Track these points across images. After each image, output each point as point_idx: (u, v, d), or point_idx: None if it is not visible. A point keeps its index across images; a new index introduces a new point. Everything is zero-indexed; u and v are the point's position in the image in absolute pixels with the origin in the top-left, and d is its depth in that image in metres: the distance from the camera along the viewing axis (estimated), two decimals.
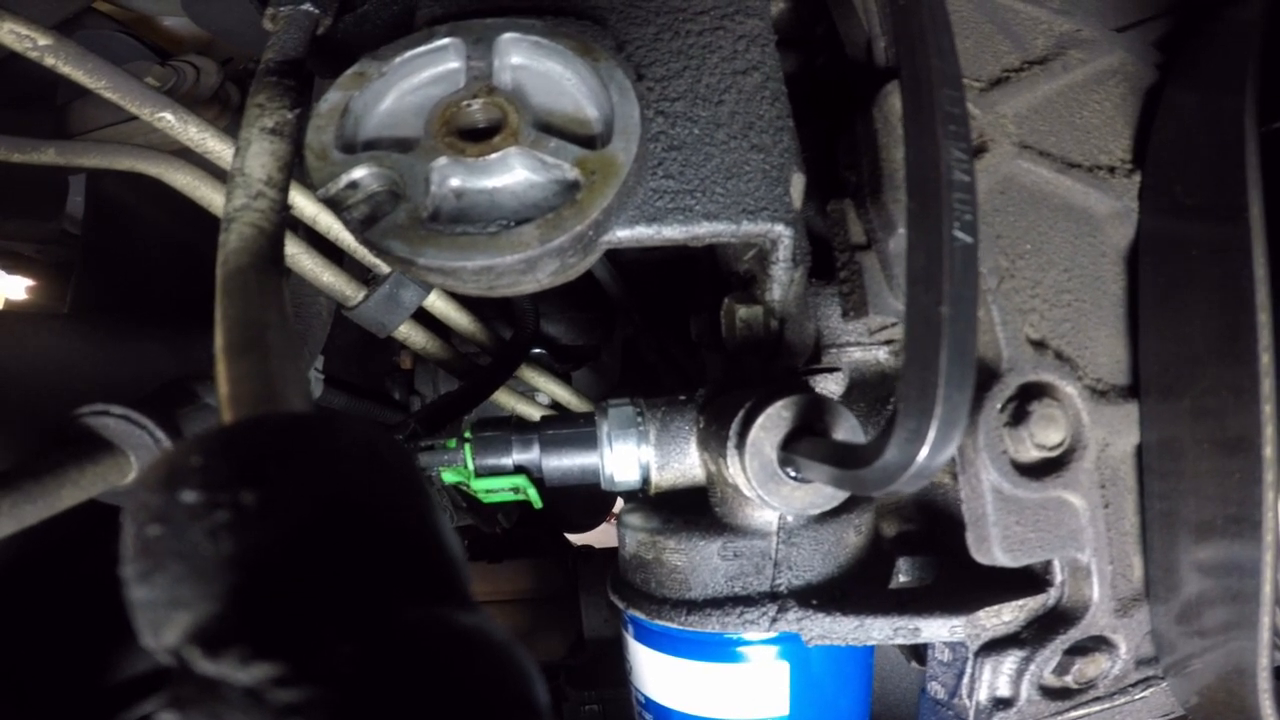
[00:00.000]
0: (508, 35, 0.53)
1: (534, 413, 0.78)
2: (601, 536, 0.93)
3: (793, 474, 0.48)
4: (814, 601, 0.53)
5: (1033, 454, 0.48)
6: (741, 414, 0.49)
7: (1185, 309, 0.48)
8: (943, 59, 0.42)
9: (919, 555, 0.58)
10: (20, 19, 0.57)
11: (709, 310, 0.74)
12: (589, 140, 0.52)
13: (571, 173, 0.48)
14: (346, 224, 0.49)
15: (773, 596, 0.54)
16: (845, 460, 0.40)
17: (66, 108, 0.80)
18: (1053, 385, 0.48)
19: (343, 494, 0.24)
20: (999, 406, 0.48)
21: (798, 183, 0.52)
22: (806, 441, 0.47)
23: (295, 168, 0.51)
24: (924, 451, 0.33)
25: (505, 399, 0.77)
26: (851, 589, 0.55)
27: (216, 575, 0.21)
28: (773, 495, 0.48)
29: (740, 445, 0.48)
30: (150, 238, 0.77)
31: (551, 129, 0.52)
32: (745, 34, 0.57)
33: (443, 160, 0.48)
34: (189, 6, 0.72)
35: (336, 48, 0.68)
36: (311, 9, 0.61)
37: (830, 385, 0.57)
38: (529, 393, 0.80)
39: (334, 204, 0.49)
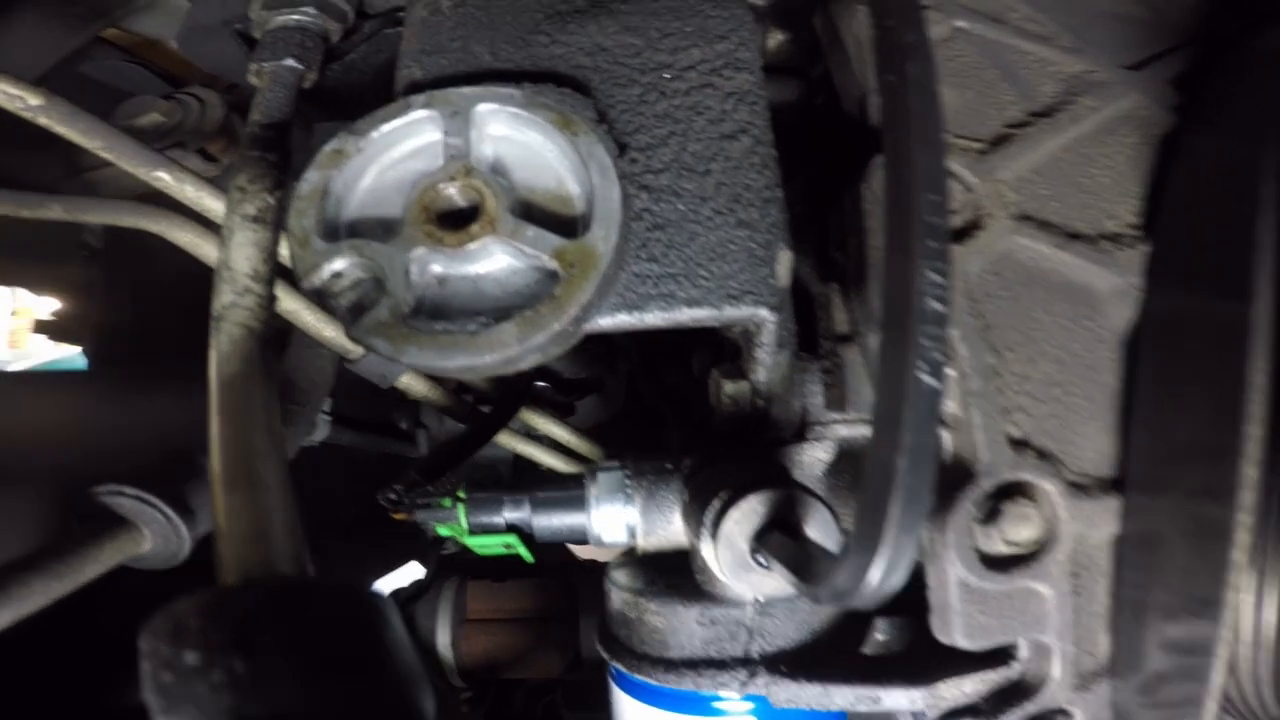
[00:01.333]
0: (484, 107, 0.50)
1: (534, 453, 0.78)
2: (605, 550, 0.94)
3: (762, 562, 0.47)
4: (783, 668, 0.54)
5: (1002, 549, 0.47)
6: (717, 504, 0.48)
7: (1178, 404, 0.45)
8: (928, 153, 0.38)
9: (897, 616, 0.57)
10: (8, 77, 0.55)
11: (711, 347, 0.72)
12: (571, 222, 0.49)
13: (550, 263, 0.46)
14: (334, 314, 0.48)
15: (745, 662, 0.54)
16: (803, 572, 0.41)
17: (76, 146, 0.79)
18: (1030, 484, 0.46)
19: (317, 663, 0.28)
20: (970, 507, 0.46)
21: (784, 260, 0.50)
22: (776, 538, 0.46)
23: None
24: (869, 585, 0.33)
25: (506, 440, 0.77)
26: (823, 654, 0.55)
27: None
28: (741, 582, 0.48)
29: (714, 535, 0.48)
30: (168, 273, 0.77)
31: (533, 209, 0.50)
32: (734, 91, 0.53)
33: (421, 250, 0.47)
34: (185, 46, 0.69)
35: (325, 97, 0.66)
36: (295, 64, 0.59)
37: (819, 454, 0.56)
38: (528, 431, 0.80)
39: (319, 295, 0.48)
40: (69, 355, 0.97)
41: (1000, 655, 0.49)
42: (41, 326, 0.96)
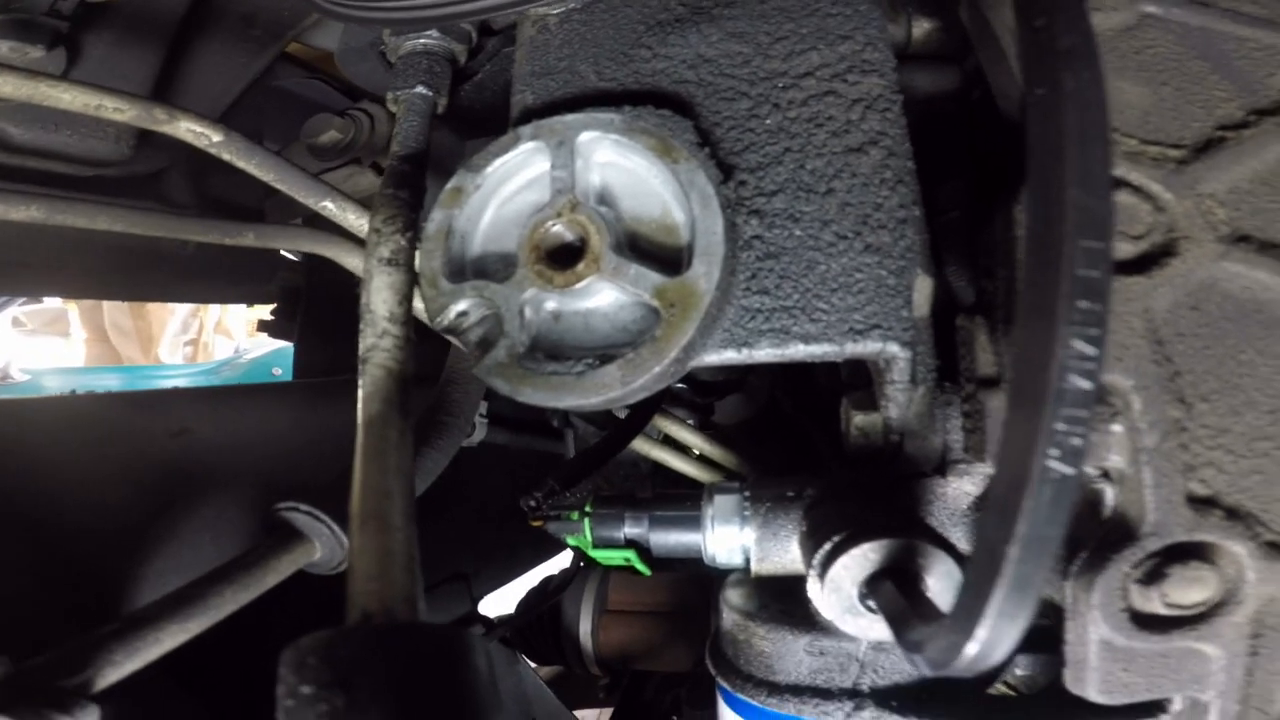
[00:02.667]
0: (586, 135, 0.48)
1: (669, 459, 0.77)
2: None
3: (872, 607, 0.43)
4: (893, 703, 0.49)
5: (1160, 610, 0.39)
6: (828, 547, 0.44)
7: None
8: (1088, 189, 0.31)
9: (1041, 653, 0.50)
10: (194, 116, 0.61)
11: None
12: (676, 253, 0.47)
13: (652, 301, 0.44)
14: (465, 348, 0.49)
15: (853, 694, 0.51)
16: (904, 631, 0.38)
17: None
18: (1211, 546, 0.38)
19: (401, 700, 0.31)
20: (1126, 569, 0.38)
21: (923, 288, 0.43)
22: (887, 588, 0.42)
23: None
24: (962, 661, 0.31)
25: (641, 445, 0.77)
26: (942, 692, 0.50)
27: None
28: (848, 626, 0.45)
29: (821, 577, 0.44)
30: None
31: (639, 240, 0.48)
32: (862, 98, 0.46)
33: (532, 291, 0.46)
34: (345, 66, 0.73)
35: (465, 115, 0.66)
36: (425, 91, 0.60)
37: (965, 487, 0.49)
38: (667, 438, 0.78)
39: (450, 332, 0.49)
40: (285, 347, 1.12)
41: (1149, 707, 0.42)
42: (262, 325, 1.11)
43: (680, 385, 0.79)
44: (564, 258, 0.47)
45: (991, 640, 0.30)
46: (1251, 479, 0.38)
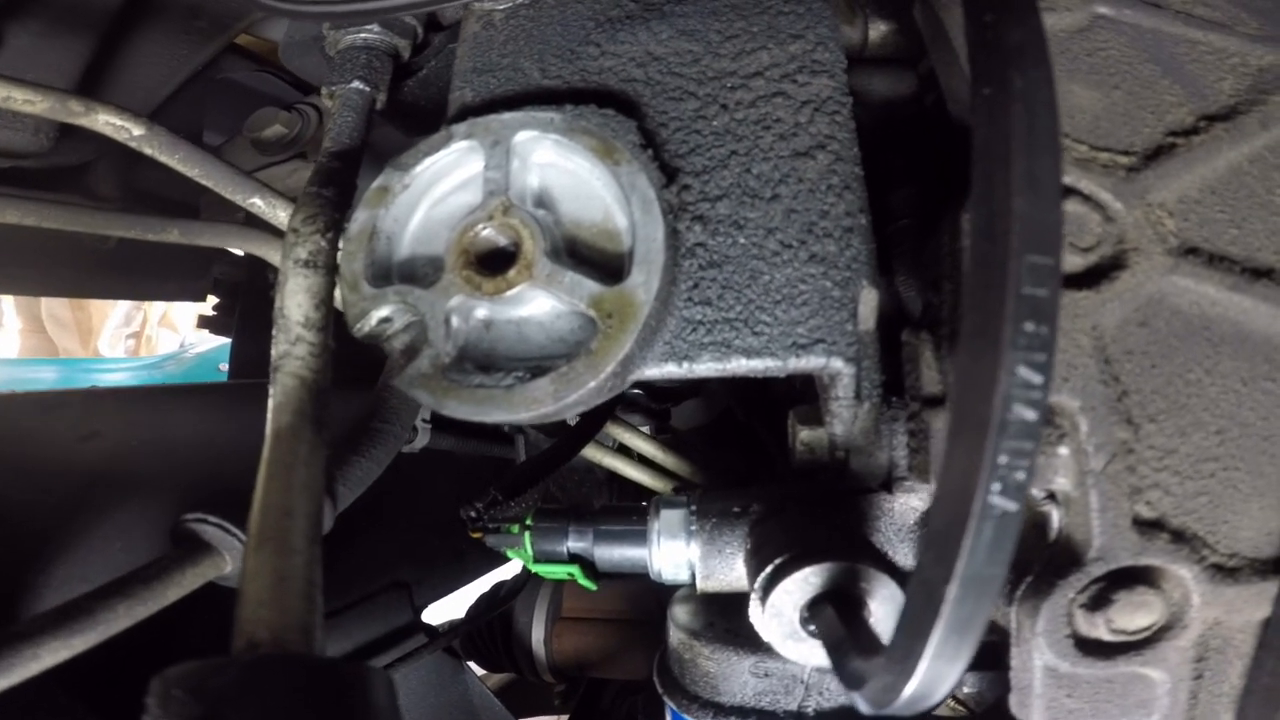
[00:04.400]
0: (523, 135, 0.44)
1: (621, 467, 0.74)
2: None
3: (813, 632, 0.41)
4: None
5: (1105, 636, 0.37)
6: (769, 570, 0.42)
7: None
8: (1036, 198, 0.28)
9: (984, 670, 0.48)
10: (114, 109, 0.56)
11: None
12: (618, 259, 0.43)
13: (589, 311, 0.41)
14: (389, 356, 0.45)
15: (798, 717, 0.48)
16: (843, 663, 0.35)
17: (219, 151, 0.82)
18: (1156, 570, 0.36)
19: None
20: (1071, 594, 0.36)
21: (868, 300, 0.41)
22: (827, 615, 0.40)
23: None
24: (898, 703, 0.29)
25: (593, 454, 0.73)
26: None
27: None
28: (789, 652, 0.42)
29: (763, 600, 0.41)
30: None
31: (579, 244, 0.44)
32: (811, 99, 0.43)
33: (459, 298, 0.42)
34: (288, 60, 0.68)
35: (408, 110, 0.62)
36: (362, 86, 0.56)
37: (912, 502, 0.47)
38: (619, 446, 0.75)
39: (372, 339, 0.45)
40: (224, 344, 1.06)
41: None
42: (203, 321, 1.05)
43: (635, 391, 0.76)
44: (495, 263, 0.43)
45: (930, 681, 0.28)
46: (1198, 500, 0.36)
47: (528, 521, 0.56)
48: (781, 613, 0.41)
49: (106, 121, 0.56)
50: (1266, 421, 0.36)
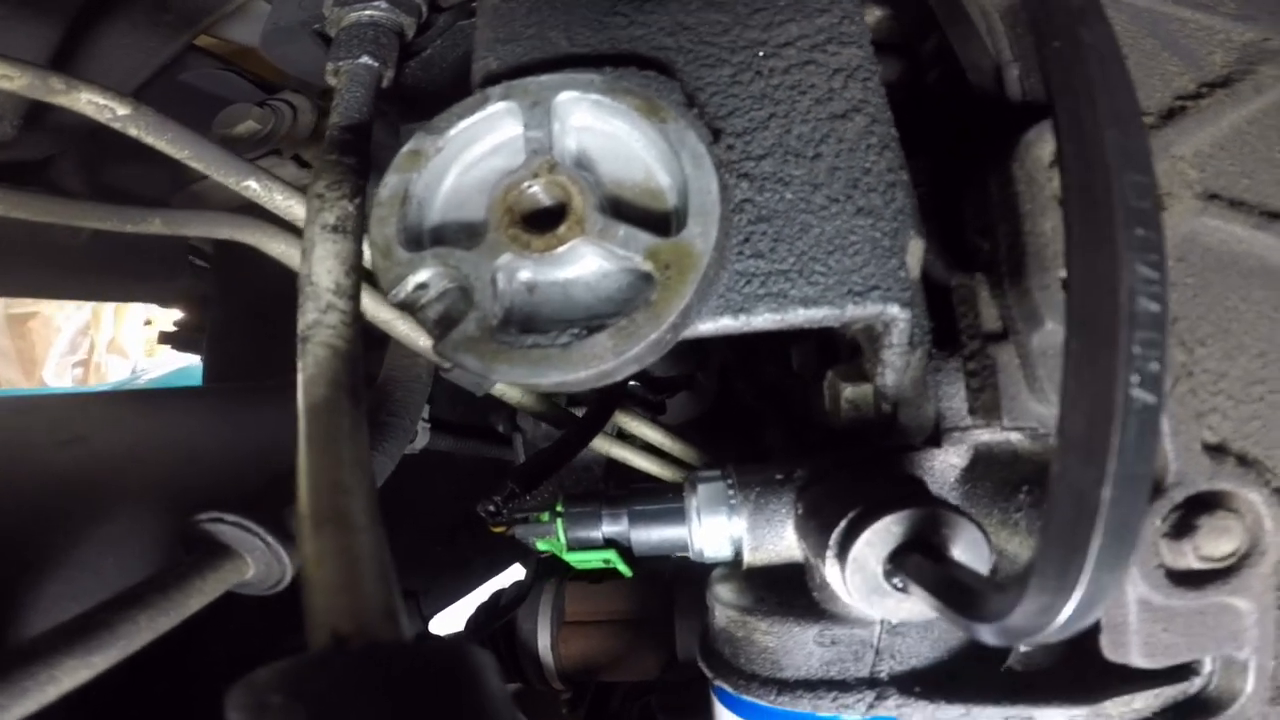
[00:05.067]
0: (564, 95, 0.44)
1: (627, 455, 0.72)
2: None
3: (898, 585, 0.40)
4: (917, 688, 0.46)
5: (1195, 565, 0.38)
6: (845, 524, 0.41)
7: None
8: (1123, 128, 0.29)
9: None
10: (97, 87, 0.52)
11: (814, 339, 0.64)
12: (664, 217, 0.43)
13: (644, 265, 0.40)
14: (423, 326, 0.43)
15: (871, 683, 0.47)
16: (961, 604, 0.33)
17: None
18: (1231, 494, 0.37)
19: None
20: (1158, 522, 0.37)
21: (915, 250, 0.41)
22: (917, 561, 0.38)
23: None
24: (1057, 624, 0.27)
25: (600, 444, 0.71)
26: (961, 671, 0.47)
27: None
28: (875, 607, 0.41)
29: (841, 556, 0.40)
30: (279, 290, 0.75)
31: (622, 205, 0.43)
32: (841, 67, 0.45)
33: (507, 257, 0.41)
34: (267, 49, 0.66)
35: (407, 94, 0.61)
36: (370, 62, 0.54)
37: (951, 459, 0.47)
38: (624, 435, 0.74)
39: (406, 307, 0.43)
40: (191, 363, 0.99)
41: (1180, 670, 0.41)
42: (165, 337, 0.97)
43: (634, 383, 0.74)
44: (540, 223, 0.42)
45: (1091, 595, 0.26)
46: (1252, 424, 0.37)
47: (558, 508, 0.53)
48: (865, 567, 0.39)
49: (89, 100, 0.52)
50: None
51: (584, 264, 0.42)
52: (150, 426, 0.58)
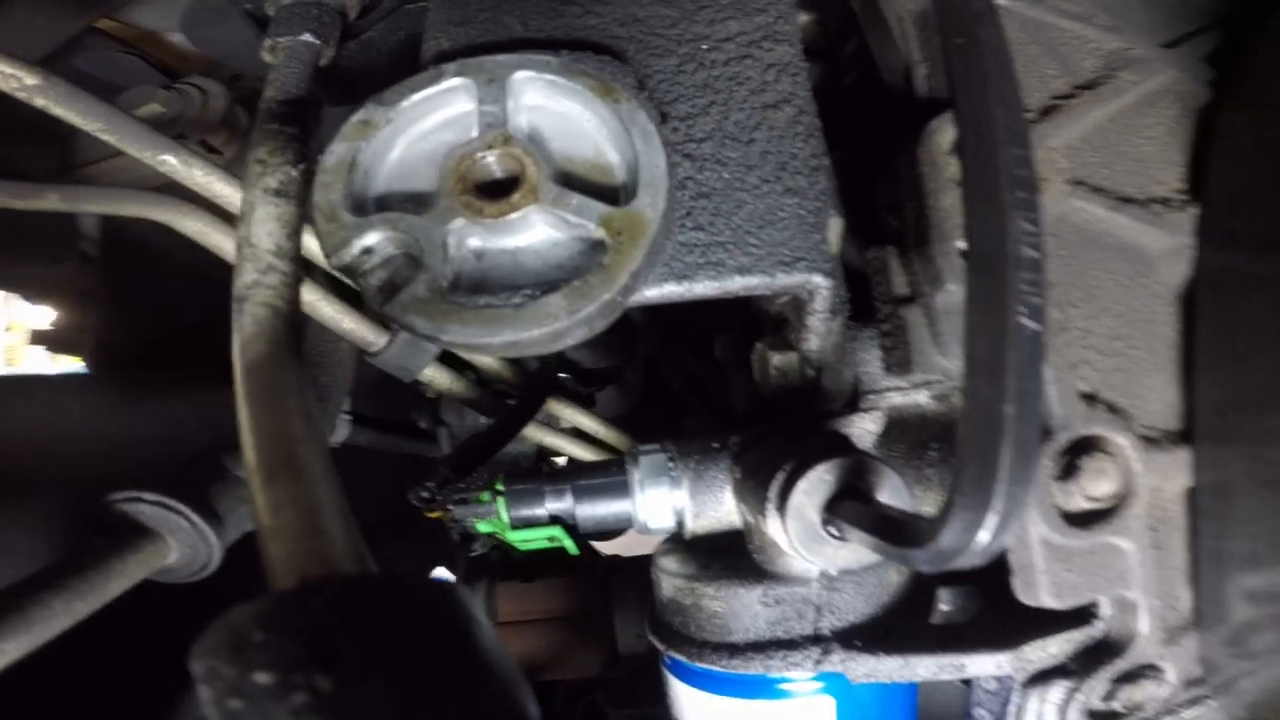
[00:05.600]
0: (521, 74, 0.45)
1: (559, 442, 0.73)
2: (629, 543, 0.89)
3: (835, 533, 0.43)
4: (857, 642, 0.49)
5: (1083, 505, 0.43)
6: (782, 476, 0.43)
7: (1243, 353, 0.42)
8: (1008, 112, 0.35)
9: (959, 584, 0.53)
10: (4, 55, 0.49)
11: (735, 332, 0.67)
12: (613, 191, 0.45)
13: (597, 232, 0.42)
14: (365, 292, 0.42)
15: (816, 639, 0.49)
16: (895, 536, 0.36)
17: (72, 138, 0.72)
18: (1104, 438, 0.43)
19: (414, 672, 0.22)
20: (1049, 464, 0.42)
21: (835, 227, 0.46)
22: (851, 506, 0.42)
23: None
24: (981, 539, 0.30)
25: (530, 431, 0.72)
26: (894, 626, 0.51)
27: None
28: (815, 555, 0.43)
29: (781, 508, 0.43)
30: (173, 275, 0.71)
31: (572, 179, 0.45)
32: (774, 63, 0.49)
33: (459, 222, 0.42)
34: (187, 29, 0.63)
35: (342, 76, 0.60)
36: (312, 40, 0.54)
37: (868, 425, 0.51)
38: (552, 422, 0.74)
39: (349, 271, 0.42)
40: (68, 370, 0.89)
41: (1081, 615, 0.46)
42: (39, 338, 0.87)
43: (563, 375, 0.75)
44: (492, 193, 0.43)
45: (1007, 511, 0.29)
46: (1116, 376, 0.44)
47: (498, 487, 0.53)
48: (803, 515, 0.42)
49: None
50: (1148, 307, 0.45)
51: (534, 232, 0.43)
52: (45, 411, 0.52)
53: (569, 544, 0.52)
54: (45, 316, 0.87)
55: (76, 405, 0.55)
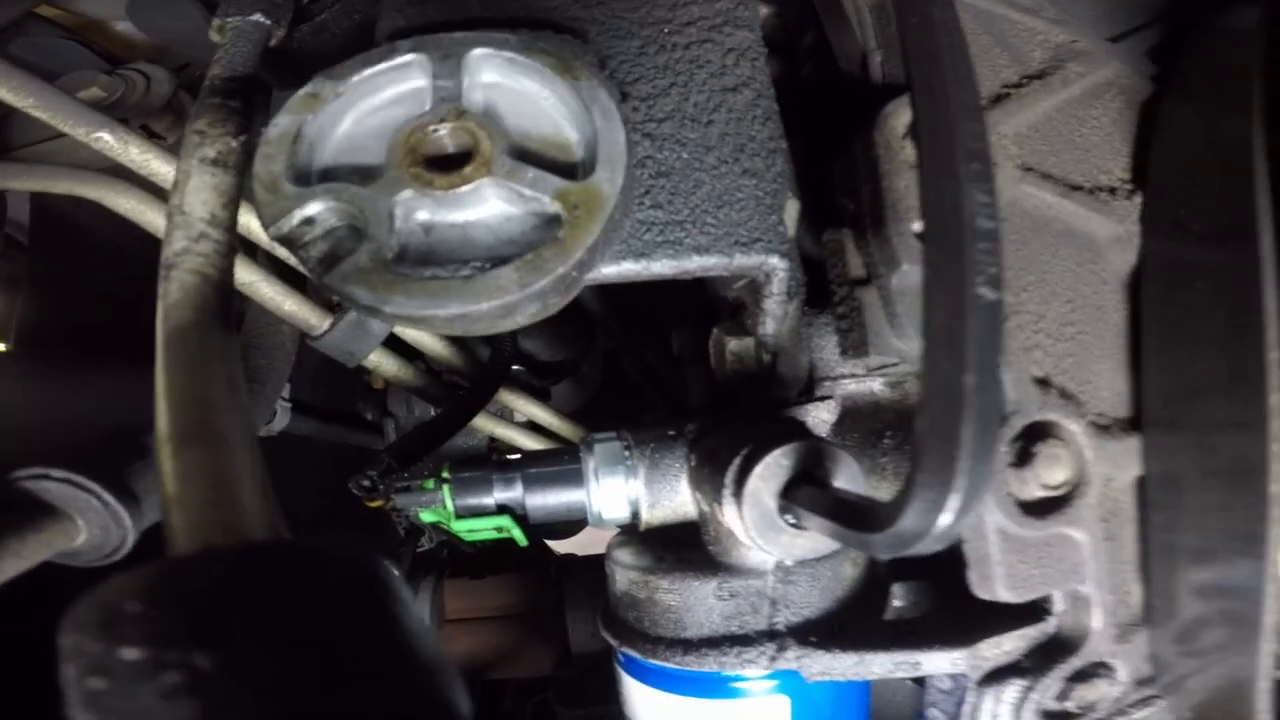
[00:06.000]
0: (479, 51, 0.44)
1: (511, 434, 0.71)
2: (585, 541, 0.87)
3: (791, 521, 0.42)
4: (812, 639, 0.48)
5: (1037, 493, 0.43)
6: (738, 462, 0.42)
7: (1189, 341, 0.43)
8: (962, 88, 0.35)
9: (913, 580, 0.52)
10: None
11: (692, 325, 0.67)
12: (570, 168, 0.44)
13: (552, 206, 0.41)
14: (304, 264, 0.41)
15: (771, 635, 0.48)
16: (854, 521, 0.35)
17: (4, 120, 0.69)
18: (1058, 424, 0.43)
19: (316, 654, 0.19)
20: (1004, 450, 0.42)
21: (792, 209, 0.46)
22: (807, 492, 0.41)
23: (242, 202, 0.43)
24: (945, 520, 0.29)
25: (481, 422, 0.70)
26: (849, 621, 0.50)
27: None
28: (772, 544, 0.42)
29: (738, 494, 0.42)
30: (102, 254, 0.67)
31: (528, 155, 0.44)
32: (734, 47, 0.49)
33: (408, 193, 0.40)
34: (134, 14, 0.61)
35: (292, 60, 0.58)
36: (262, 20, 0.52)
37: (822, 414, 0.51)
38: (505, 413, 0.73)
39: (288, 242, 0.41)
40: None
41: (1035, 611, 0.45)
42: None
43: (518, 367, 0.74)
44: (443, 167, 0.42)
45: (970, 489, 0.28)
46: (1067, 361, 0.44)
47: (444, 474, 0.51)
48: (760, 502, 0.41)
49: None
50: (1097, 294, 0.46)
51: (486, 206, 0.42)
52: None
53: (518, 534, 0.50)
54: None
55: None
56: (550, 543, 0.98)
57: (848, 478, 0.42)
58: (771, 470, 0.41)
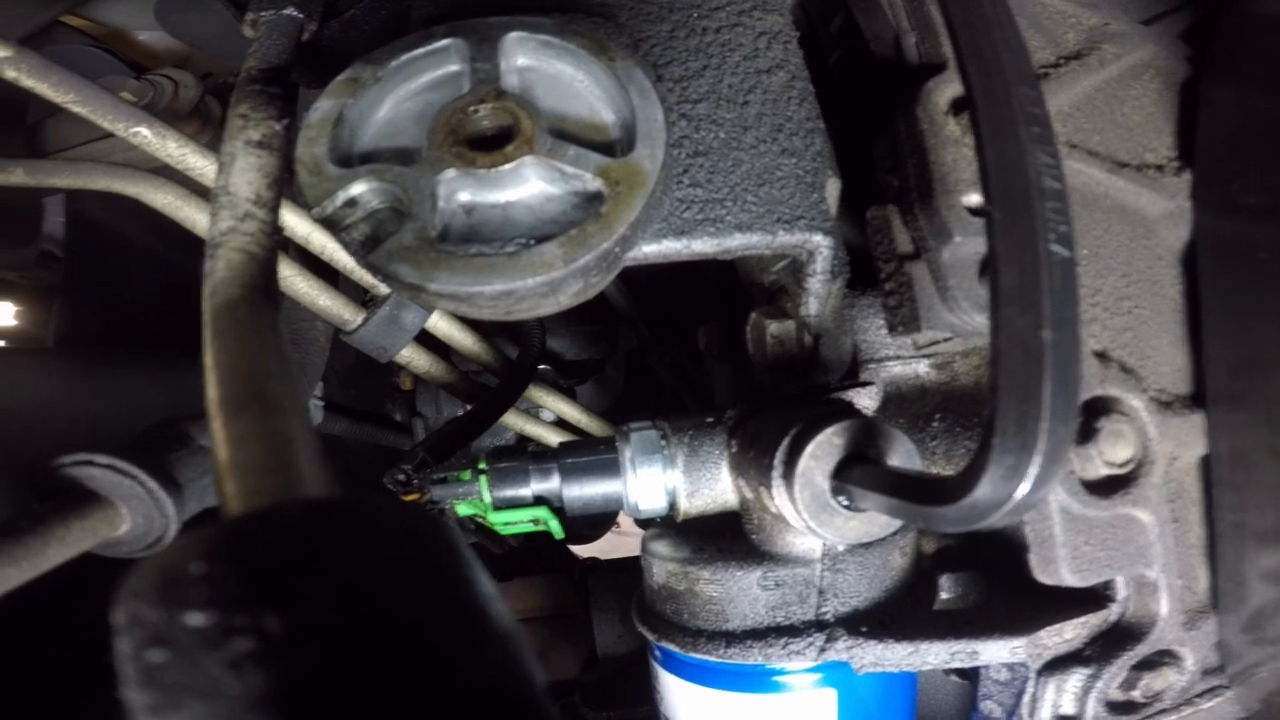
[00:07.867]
0: (514, 35, 0.45)
1: (540, 431, 0.71)
2: (605, 546, 0.86)
3: (845, 503, 0.41)
4: (863, 629, 0.47)
5: (1101, 471, 0.42)
6: (788, 441, 0.42)
7: (1255, 313, 0.42)
8: (1014, 55, 0.35)
9: (961, 571, 0.51)
10: None
11: (718, 320, 0.67)
12: (607, 148, 0.44)
13: (593, 183, 0.41)
14: (346, 246, 0.41)
15: (819, 625, 0.47)
16: (920, 495, 0.34)
17: (39, 126, 0.71)
18: (1119, 399, 0.42)
19: (390, 607, 0.18)
20: None
21: (833, 188, 0.46)
22: (861, 470, 0.40)
23: (285, 185, 0.43)
24: (1024, 488, 0.28)
25: (511, 419, 0.70)
26: (899, 612, 0.49)
27: None
28: (825, 527, 0.41)
29: (788, 475, 0.41)
30: (136, 260, 0.69)
31: (565, 135, 0.45)
32: (766, 30, 0.50)
33: (451, 173, 0.41)
34: (163, 18, 0.63)
35: (322, 55, 0.60)
36: (295, 14, 0.53)
37: (864, 400, 0.50)
38: (533, 410, 0.72)
39: (331, 224, 0.41)
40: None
41: (1096, 597, 0.44)
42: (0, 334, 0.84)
43: (545, 366, 0.73)
44: (484, 146, 0.42)
45: (1052, 452, 0.27)
46: (1125, 335, 0.43)
47: (480, 466, 0.51)
48: (812, 482, 0.40)
49: None
50: (1151, 269, 0.45)
51: (527, 186, 0.42)
52: None
53: (555, 526, 0.50)
54: (5, 313, 0.83)
55: (30, 378, 0.52)
56: (574, 548, 0.97)
57: (903, 455, 0.41)
58: (824, 449, 0.41)
